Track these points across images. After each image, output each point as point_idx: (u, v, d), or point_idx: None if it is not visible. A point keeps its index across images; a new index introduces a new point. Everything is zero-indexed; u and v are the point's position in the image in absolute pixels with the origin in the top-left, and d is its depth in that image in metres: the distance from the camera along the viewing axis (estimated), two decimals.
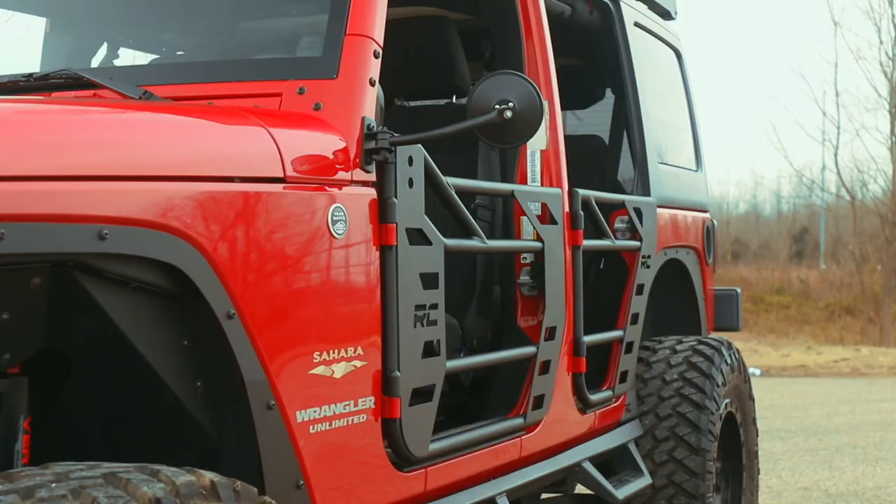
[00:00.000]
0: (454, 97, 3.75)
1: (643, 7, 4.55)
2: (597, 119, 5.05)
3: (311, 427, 2.31)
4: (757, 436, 4.77)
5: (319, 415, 2.34)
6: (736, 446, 4.55)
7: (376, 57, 2.62)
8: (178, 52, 3.76)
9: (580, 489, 4.05)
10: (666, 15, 4.93)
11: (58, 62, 3.73)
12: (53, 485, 1.60)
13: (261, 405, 2.18)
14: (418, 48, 3.47)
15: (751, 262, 31.03)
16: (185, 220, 2.03)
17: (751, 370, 14.57)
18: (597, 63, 4.57)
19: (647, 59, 4.44)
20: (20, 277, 1.85)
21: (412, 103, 3.90)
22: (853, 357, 16.52)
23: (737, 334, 19.81)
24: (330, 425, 2.38)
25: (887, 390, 12.52)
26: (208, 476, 1.72)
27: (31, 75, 2.72)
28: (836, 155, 22.71)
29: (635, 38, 4.33)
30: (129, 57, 3.92)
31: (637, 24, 4.37)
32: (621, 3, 4.23)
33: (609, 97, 4.83)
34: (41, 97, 2.50)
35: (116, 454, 2.01)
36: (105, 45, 3.68)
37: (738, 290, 5.11)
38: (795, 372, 14.94)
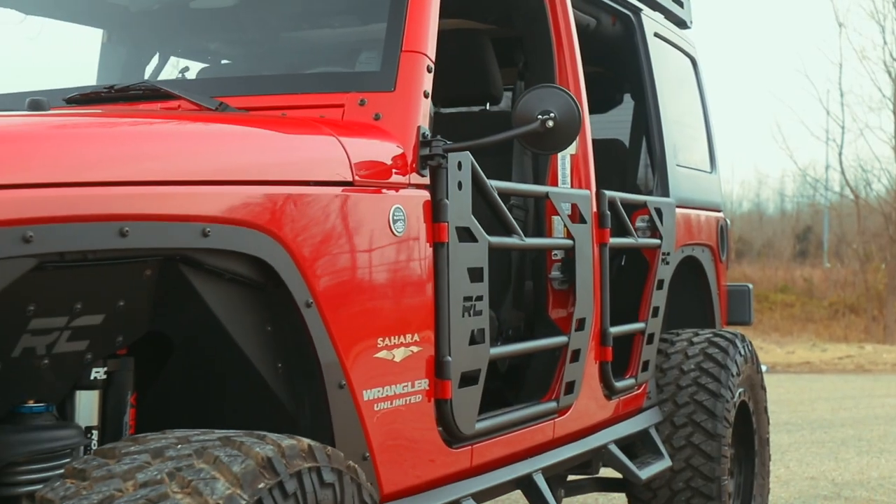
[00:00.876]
0: (488, 104, 4.01)
1: (662, 18, 4.81)
2: (606, 119, 5.26)
3: (375, 405, 2.58)
4: (768, 424, 5.03)
5: (382, 394, 2.61)
6: (749, 433, 4.81)
7: (429, 71, 2.88)
8: (223, 61, 4.02)
9: (603, 473, 4.33)
10: (682, 24, 5.19)
11: (114, 71, 4.00)
12: (178, 446, 1.86)
13: (333, 384, 2.44)
14: (455, 59, 3.71)
15: (755, 261, 31.17)
16: (272, 219, 2.29)
17: None
18: (617, 70, 4.82)
19: (665, 67, 4.70)
20: (135, 269, 2.12)
21: (448, 110, 4.15)
22: (857, 354, 16.75)
23: (741, 331, 20.03)
24: (391, 404, 2.64)
25: (891, 386, 12.76)
26: (306, 441, 1.98)
27: (112, 87, 2.98)
28: (840, 154, 22.97)
29: (655, 48, 4.58)
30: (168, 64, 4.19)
31: (656, 35, 4.63)
32: (642, 16, 4.49)
33: (626, 101, 5.08)
34: (137, 110, 2.76)
35: (206, 427, 2.27)
36: (157, 55, 3.95)
37: (751, 286, 5.37)
38: (800, 368, 15.18)
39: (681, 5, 5.15)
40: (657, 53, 4.61)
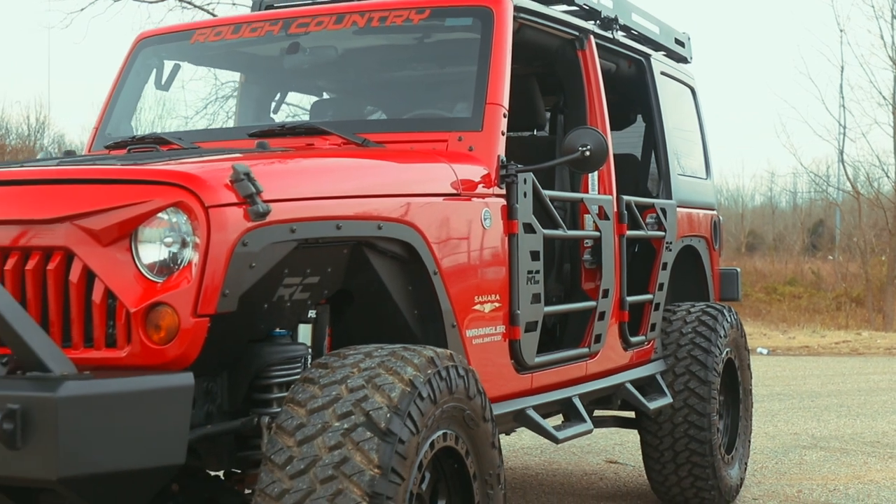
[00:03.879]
0: (534, 131, 5.34)
1: (666, 58, 6.14)
2: (623, 136, 6.54)
3: (473, 340, 3.92)
4: (751, 378, 6.35)
5: (477, 334, 3.95)
6: (735, 384, 6.14)
7: (504, 117, 4.22)
8: (324, 95, 5.36)
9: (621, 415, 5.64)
10: (683, 60, 6.51)
11: (250, 104, 5.35)
12: (378, 351, 3.20)
13: (449, 325, 3.78)
14: (511, 96, 5.03)
15: (766, 255, 32.07)
16: (415, 217, 3.63)
17: (758, 350, 16.15)
18: (632, 99, 6.13)
19: (669, 96, 6.02)
20: (339, 249, 3.46)
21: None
22: (854, 340, 17.98)
23: (749, 319, 21.23)
24: (483, 340, 3.98)
25: (879, 366, 14.05)
26: (448, 351, 3.31)
27: (283, 125, 4.32)
28: (841, 153, 24.17)
29: (662, 83, 5.91)
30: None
31: (662, 73, 5.95)
32: (651, 59, 5.81)
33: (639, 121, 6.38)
34: (316, 147, 4.08)
35: None
36: (279, 93, 5.30)
37: (738, 270, 6.69)
38: (799, 352, 16.44)
39: (682, 45, 6.46)
40: (663, 87, 5.94)
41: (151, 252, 3.03)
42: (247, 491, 3.46)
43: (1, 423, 2.67)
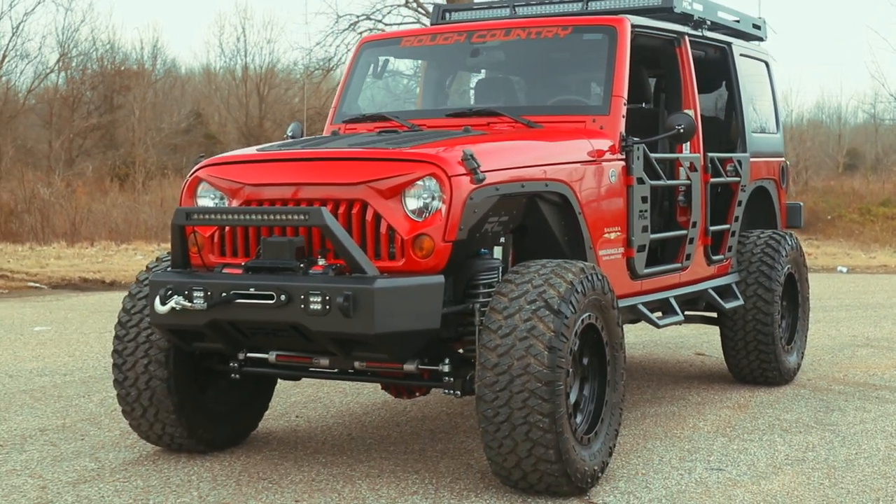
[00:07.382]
0: (643, 104, 7.22)
1: (745, 42, 7.95)
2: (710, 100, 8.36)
3: (603, 258, 5.89)
4: (808, 288, 8.21)
5: (606, 253, 5.92)
6: (794, 293, 8.02)
7: (625, 105, 6.12)
8: (480, 73, 7.30)
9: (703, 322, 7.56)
10: (759, 39, 8.31)
11: (431, 85, 7.32)
12: (549, 263, 5.17)
13: (588, 248, 5.74)
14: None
15: (865, 175, 32.49)
16: (567, 177, 5.59)
17: (838, 268, 17.84)
18: (717, 73, 7.94)
19: (747, 72, 7.84)
20: (520, 199, 5.44)
21: None
22: None
23: (833, 240, 22.63)
24: (609, 258, 5.95)
25: None
26: (591, 264, 5.28)
27: (471, 108, 6.29)
28: None
29: (741, 62, 7.73)
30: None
31: (742, 55, 7.77)
32: (732, 46, 7.64)
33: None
34: (498, 127, 6.04)
35: None
36: (452, 76, 7.27)
37: (801, 204, 8.52)
38: (877, 270, 18.08)
39: (758, 28, 8.26)
40: (742, 65, 7.76)
41: (414, 203, 5.03)
42: (459, 350, 5.46)
43: (342, 302, 4.72)
